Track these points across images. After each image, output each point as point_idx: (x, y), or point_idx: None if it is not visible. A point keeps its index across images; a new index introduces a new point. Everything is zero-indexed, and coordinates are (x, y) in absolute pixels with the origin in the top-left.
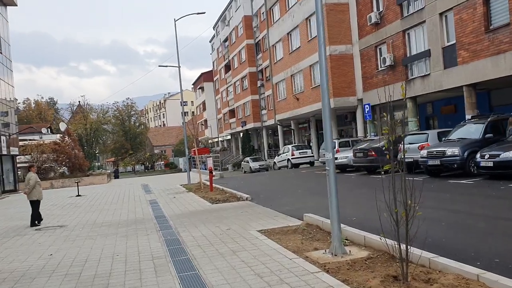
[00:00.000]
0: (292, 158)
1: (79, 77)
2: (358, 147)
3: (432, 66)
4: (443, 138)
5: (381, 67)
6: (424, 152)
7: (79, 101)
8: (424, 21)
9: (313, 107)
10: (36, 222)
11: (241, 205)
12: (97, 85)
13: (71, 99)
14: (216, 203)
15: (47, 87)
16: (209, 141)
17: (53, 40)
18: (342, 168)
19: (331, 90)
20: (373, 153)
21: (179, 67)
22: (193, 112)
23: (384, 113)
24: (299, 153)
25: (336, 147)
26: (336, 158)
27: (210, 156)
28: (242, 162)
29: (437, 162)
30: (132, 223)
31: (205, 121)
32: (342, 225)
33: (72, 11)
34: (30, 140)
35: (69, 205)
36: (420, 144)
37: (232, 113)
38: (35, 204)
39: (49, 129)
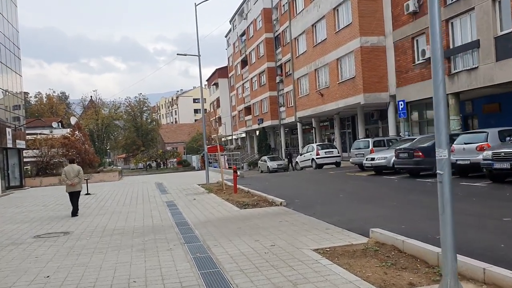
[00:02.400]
0: (317, 158)
1: (89, 73)
2: (402, 147)
3: (481, 58)
4: (508, 138)
5: (418, 60)
6: (487, 154)
7: (91, 96)
8: (473, 8)
9: (339, 104)
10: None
11: (276, 212)
12: (107, 81)
13: (82, 94)
14: (245, 208)
15: (58, 82)
16: (223, 139)
17: (64, 35)
18: (378, 170)
19: (361, 85)
20: (420, 153)
21: (199, 56)
22: (205, 109)
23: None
24: (325, 152)
25: (370, 147)
26: (373, 159)
27: (224, 154)
28: (259, 161)
29: (507, 165)
30: (149, 232)
31: (219, 118)
32: (436, 248)
33: (83, 7)
34: (40, 134)
35: None
36: (478, 144)
37: (248, 110)
38: (78, 195)
39: (60, 123)
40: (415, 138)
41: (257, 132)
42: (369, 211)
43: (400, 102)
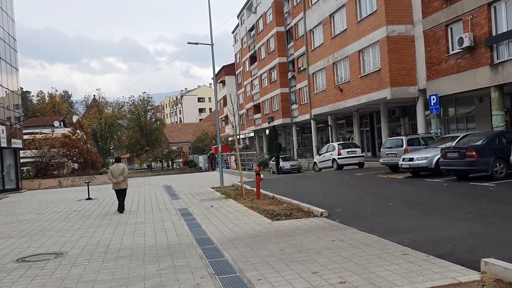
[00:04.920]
0: (338, 158)
1: (91, 74)
2: (450, 146)
3: None
4: None
5: (453, 50)
6: None
7: (94, 95)
8: None
9: (361, 99)
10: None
11: (320, 226)
12: (109, 82)
13: (85, 93)
14: (278, 220)
15: (60, 83)
16: (229, 139)
17: (65, 36)
18: (415, 172)
19: (388, 78)
20: (473, 153)
21: (212, 44)
22: (210, 108)
23: None
24: (347, 152)
25: (404, 146)
26: (411, 159)
27: (232, 154)
28: (270, 162)
29: None
30: (165, 254)
31: (226, 117)
32: None
33: (82, 6)
34: (40, 133)
35: (75, 213)
36: None
37: (257, 108)
38: (124, 192)
39: (62, 122)
40: (459, 136)
41: (267, 131)
42: (446, 226)
43: (432, 97)
